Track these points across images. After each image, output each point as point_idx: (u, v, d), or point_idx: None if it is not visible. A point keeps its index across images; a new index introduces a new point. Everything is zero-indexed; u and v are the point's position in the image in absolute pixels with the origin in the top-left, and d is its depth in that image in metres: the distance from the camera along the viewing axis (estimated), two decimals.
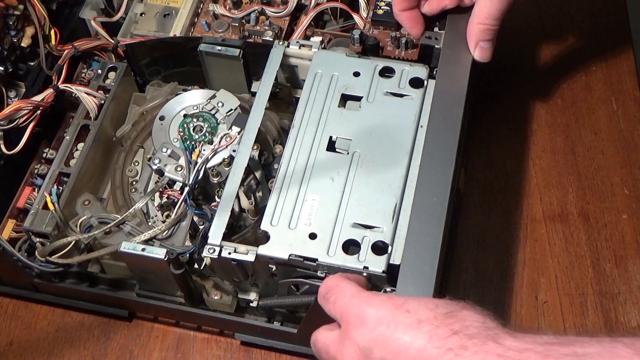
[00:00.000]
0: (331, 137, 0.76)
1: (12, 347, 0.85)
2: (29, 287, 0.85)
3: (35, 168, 0.88)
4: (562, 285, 0.86)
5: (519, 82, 1.01)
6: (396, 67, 0.80)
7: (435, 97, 0.77)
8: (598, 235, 0.89)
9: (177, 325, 0.85)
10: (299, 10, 0.95)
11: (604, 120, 0.97)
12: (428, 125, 0.75)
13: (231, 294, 0.80)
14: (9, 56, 0.89)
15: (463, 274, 0.87)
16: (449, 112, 0.75)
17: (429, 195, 0.70)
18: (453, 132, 0.74)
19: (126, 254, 0.75)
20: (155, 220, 0.82)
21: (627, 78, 1.01)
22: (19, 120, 0.85)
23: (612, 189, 0.92)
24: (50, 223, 0.80)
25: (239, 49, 0.85)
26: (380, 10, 0.87)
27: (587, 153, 0.95)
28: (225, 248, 0.71)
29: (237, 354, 0.83)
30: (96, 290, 0.83)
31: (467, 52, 0.80)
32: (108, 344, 0.84)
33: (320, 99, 0.78)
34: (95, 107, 0.88)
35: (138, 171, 0.86)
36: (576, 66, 1.02)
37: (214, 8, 0.94)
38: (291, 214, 0.71)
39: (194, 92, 0.87)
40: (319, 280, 0.70)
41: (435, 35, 0.83)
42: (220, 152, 0.79)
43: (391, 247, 0.69)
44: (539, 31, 1.06)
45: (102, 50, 0.94)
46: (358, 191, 0.72)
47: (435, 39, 0.82)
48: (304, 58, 0.83)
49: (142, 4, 0.96)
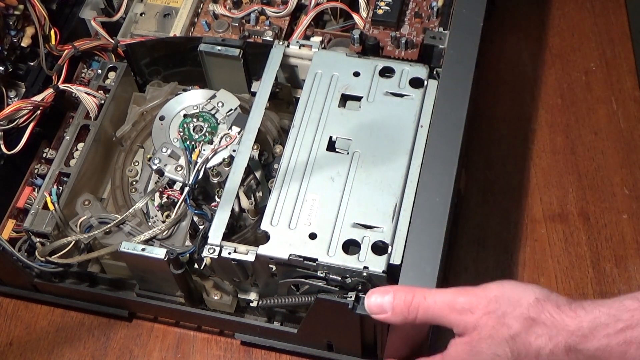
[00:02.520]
0: (331, 137, 0.76)
1: (12, 347, 0.85)
2: (29, 287, 0.85)
3: (35, 168, 0.88)
4: (562, 285, 0.86)
5: (519, 82, 1.01)
6: (396, 67, 0.80)
7: (438, 97, 0.76)
8: (598, 235, 0.89)
9: (177, 325, 0.85)
10: (299, 10, 0.95)
11: (604, 120, 0.97)
12: (431, 124, 0.75)
13: (231, 294, 0.80)
14: (9, 56, 0.89)
15: (463, 274, 0.87)
16: (452, 113, 0.75)
17: (431, 195, 0.70)
18: (456, 132, 0.73)
19: (126, 254, 0.75)
20: (155, 220, 0.82)
21: (627, 78, 1.01)
22: (19, 120, 0.85)
23: (612, 189, 0.92)
24: (50, 223, 0.80)
25: (239, 49, 0.85)
26: (380, 10, 0.87)
27: (587, 153, 0.95)
28: (225, 248, 0.71)
29: (237, 354, 0.83)
30: (96, 290, 0.83)
31: (471, 53, 0.79)
32: (108, 344, 0.84)
33: (320, 99, 0.78)
34: (95, 107, 0.88)
35: (138, 171, 0.86)
36: (576, 66, 1.02)
37: (214, 8, 0.94)
38: (291, 213, 0.71)
39: (194, 92, 0.87)
40: (319, 280, 0.70)
41: (439, 35, 0.82)
42: (220, 152, 0.79)
43: (391, 247, 0.69)
44: (539, 31, 1.06)
45: (102, 50, 0.95)
46: (358, 191, 0.72)
47: (439, 39, 0.82)
48: (304, 58, 0.83)
49: (142, 4, 0.96)
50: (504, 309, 0.56)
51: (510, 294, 0.57)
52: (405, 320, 0.60)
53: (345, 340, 0.77)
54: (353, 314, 0.68)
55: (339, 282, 0.69)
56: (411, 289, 0.61)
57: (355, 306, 0.68)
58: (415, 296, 0.60)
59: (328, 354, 0.80)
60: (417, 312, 0.59)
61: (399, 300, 0.60)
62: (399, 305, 0.60)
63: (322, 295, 0.69)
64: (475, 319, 0.57)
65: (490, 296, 0.57)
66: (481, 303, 0.57)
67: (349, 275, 0.69)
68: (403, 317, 0.60)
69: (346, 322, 0.71)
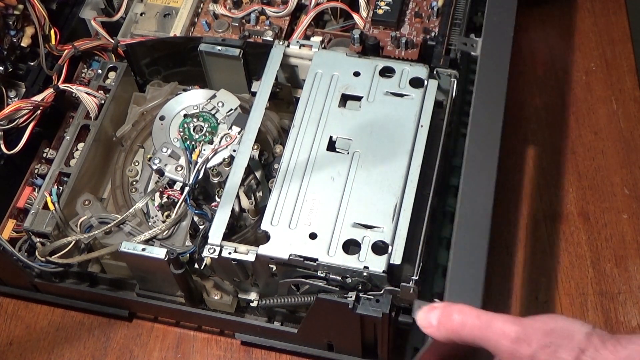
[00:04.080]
0: (331, 136, 0.76)
1: (12, 347, 0.85)
2: (29, 287, 0.85)
3: (35, 168, 0.87)
4: (562, 285, 0.86)
5: (518, 82, 1.01)
6: (396, 67, 0.80)
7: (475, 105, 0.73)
8: (598, 235, 0.89)
9: (177, 325, 0.85)
10: (299, 10, 0.95)
11: (604, 120, 0.97)
12: (469, 135, 0.72)
13: (231, 294, 0.80)
14: (9, 56, 0.89)
15: None
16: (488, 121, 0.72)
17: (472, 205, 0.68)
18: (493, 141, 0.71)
19: (126, 254, 0.75)
20: (155, 220, 0.82)
21: (627, 78, 1.01)
22: (19, 120, 0.85)
23: (612, 189, 0.92)
24: (51, 223, 0.80)
25: (239, 49, 0.85)
26: (380, 10, 0.87)
27: (587, 153, 0.95)
28: (225, 248, 0.71)
29: (237, 354, 0.83)
30: (96, 290, 0.83)
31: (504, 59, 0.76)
32: (108, 344, 0.84)
33: (320, 99, 0.78)
34: (95, 107, 0.88)
35: (138, 171, 0.86)
36: (576, 66, 1.02)
37: (214, 8, 0.94)
38: (291, 213, 0.71)
39: (194, 92, 0.87)
40: (319, 280, 0.70)
41: (471, 42, 0.80)
42: (221, 152, 0.79)
43: (391, 247, 0.69)
44: (539, 31, 1.06)
45: (102, 50, 0.95)
46: (358, 191, 0.72)
47: (472, 45, 0.80)
48: (304, 58, 0.83)
49: (142, 4, 0.96)
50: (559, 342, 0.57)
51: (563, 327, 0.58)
52: (450, 336, 0.60)
53: (346, 340, 0.77)
54: (353, 314, 0.68)
55: (339, 282, 0.70)
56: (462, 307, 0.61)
57: (355, 306, 0.68)
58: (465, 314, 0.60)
59: (328, 354, 0.80)
60: (465, 331, 0.59)
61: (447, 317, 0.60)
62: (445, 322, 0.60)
63: (323, 295, 0.69)
64: (532, 351, 0.57)
65: (546, 329, 0.58)
66: (537, 335, 0.58)
67: (349, 275, 0.69)
68: (448, 333, 0.60)
69: (346, 322, 0.71)
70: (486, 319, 0.59)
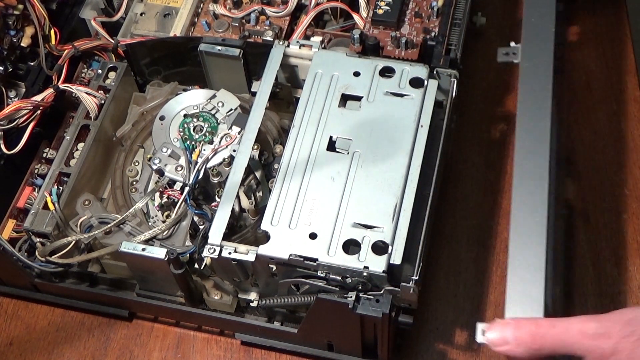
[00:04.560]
0: (331, 136, 0.76)
1: (12, 347, 0.85)
2: (29, 287, 0.85)
3: (35, 168, 0.87)
4: (562, 286, 0.86)
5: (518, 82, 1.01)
6: (396, 67, 0.80)
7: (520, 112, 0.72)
8: (598, 235, 0.89)
9: (177, 325, 0.85)
10: (299, 10, 0.95)
11: (604, 120, 0.97)
12: (517, 143, 0.70)
13: (231, 294, 0.80)
14: (9, 56, 0.89)
15: (463, 274, 0.87)
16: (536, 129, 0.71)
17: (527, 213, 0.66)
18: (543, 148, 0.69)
19: (126, 254, 0.75)
20: (155, 220, 0.82)
21: (627, 78, 1.01)
22: (19, 120, 0.85)
23: (612, 189, 0.92)
24: (51, 223, 0.80)
25: (239, 49, 0.85)
26: (380, 10, 0.87)
27: (587, 153, 0.95)
28: (225, 248, 0.71)
29: (237, 354, 0.83)
30: (96, 290, 0.83)
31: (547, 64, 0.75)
32: (108, 344, 0.84)
33: (320, 99, 0.78)
34: (95, 107, 0.88)
35: (138, 171, 0.86)
36: (576, 66, 1.02)
37: (214, 8, 0.94)
38: (291, 213, 0.71)
39: (194, 92, 0.87)
40: (319, 280, 0.70)
41: (512, 50, 0.78)
42: (221, 152, 0.79)
43: (391, 247, 0.69)
44: None
45: (102, 50, 0.94)
46: (358, 191, 0.72)
47: (512, 54, 0.78)
48: (304, 58, 0.83)
49: (142, 4, 0.96)
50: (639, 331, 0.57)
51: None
52: (529, 350, 0.59)
53: (346, 340, 0.77)
54: (353, 314, 0.68)
55: (339, 282, 0.70)
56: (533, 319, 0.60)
57: (355, 306, 0.68)
58: (539, 325, 0.59)
59: (328, 354, 0.80)
60: (544, 341, 0.58)
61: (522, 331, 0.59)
62: (521, 336, 0.59)
63: (323, 295, 0.69)
64: (613, 344, 0.57)
65: (625, 319, 0.58)
66: (616, 327, 0.57)
67: (349, 275, 0.69)
68: (527, 348, 0.59)
69: (346, 322, 0.71)
70: (562, 325, 0.58)
